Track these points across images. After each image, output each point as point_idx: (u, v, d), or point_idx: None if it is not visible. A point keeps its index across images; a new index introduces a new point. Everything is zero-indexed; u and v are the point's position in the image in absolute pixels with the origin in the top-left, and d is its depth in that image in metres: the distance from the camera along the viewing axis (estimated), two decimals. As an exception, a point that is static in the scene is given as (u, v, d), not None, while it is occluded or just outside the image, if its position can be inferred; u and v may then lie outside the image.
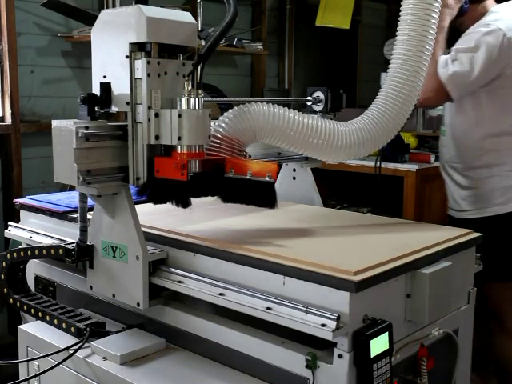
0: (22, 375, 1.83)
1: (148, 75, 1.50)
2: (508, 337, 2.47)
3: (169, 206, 1.56)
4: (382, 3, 6.74)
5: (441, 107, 3.18)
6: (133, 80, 1.52)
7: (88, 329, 1.68)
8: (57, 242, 1.87)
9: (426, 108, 2.42)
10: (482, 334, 2.41)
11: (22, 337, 1.85)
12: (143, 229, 1.64)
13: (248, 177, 1.55)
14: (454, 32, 2.45)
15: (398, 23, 1.69)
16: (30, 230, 2.06)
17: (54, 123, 1.56)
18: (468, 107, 2.38)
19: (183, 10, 1.87)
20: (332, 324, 1.28)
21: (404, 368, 1.51)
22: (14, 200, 2.18)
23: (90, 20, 3.34)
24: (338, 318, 1.28)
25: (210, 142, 1.59)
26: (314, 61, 5.92)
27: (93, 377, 1.61)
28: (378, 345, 1.34)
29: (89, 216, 1.69)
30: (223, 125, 1.62)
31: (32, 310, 1.84)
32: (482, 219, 2.39)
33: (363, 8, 6.33)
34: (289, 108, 1.69)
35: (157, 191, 1.55)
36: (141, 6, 1.48)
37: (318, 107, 2.30)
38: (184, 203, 1.54)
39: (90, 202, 1.65)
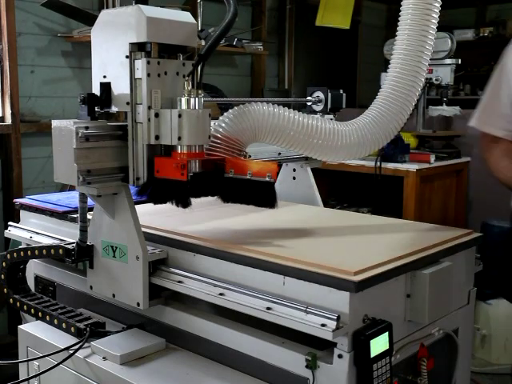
0: (22, 375, 1.83)
1: (148, 75, 1.50)
2: None
3: (169, 206, 1.56)
4: (382, 3, 6.75)
5: (441, 107, 3.15)
6: (133, 80, 1.52)
7: (88, 329, 1.68)
8: (57, 242, 1.87)
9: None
10: None
11: (21, 337, 1.85)
12: (143, 229, 1.64)
13: (248, 177, 1.55)
14: None
15: (398, 23, 1.69)
16: (30, 230, 2.05)
17: (54, 123, 1.56)
18: None
19: (183, 10, 1.87)
20: (332, 324, 1.28)
21: (404, 368, 1.51)
22: (14, 200, 2.18)
23: (90, 20, 3.34)
24: (338, 318, 1.28)
25: (210, 142, 1.58)
26: (314, 61, 5.93)
27: (93, 377, 1.61)
28: (378, 345, 1.34)
29: (89, 216, 1.69)
30: (223, 125, 1.62)
31: (32, 310, 1.84)
32: None
33: (363, 8, 6.34)
34: (289, 108, 1.69)
35: (157, 191, 1.54)
36: (141, 6, 1.48)
37: (318, 107, 2.30)
38: (184, 203, 1.54)
39: (90, 201, 1.65)
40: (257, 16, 5.11)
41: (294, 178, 2.35)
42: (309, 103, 2.32)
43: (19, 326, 1.87)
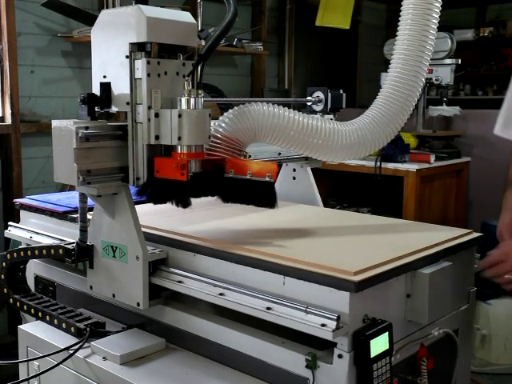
0: (22, 375, 1.83)
1: (148, 75, 1.50)
2: None
3: (169, 206, 1.56)
4: (382, 3, 6.75)
5: (441, 107, 3.12)
6: (133, 80, 1.52)
7: (88, 329, 1.68)
8: (57, 242, 1.87)
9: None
10: None
11: (21, 337, 1.85)
12: (143, 229, 1.64)
13: (248, 177, 1.55)
14: None
15: (399, 23, 1.69)
16: (30, 230, 2.05)
17: (54, 123, 1.56)
18: None
19: (183, 9, 1.87)
20: (332, 324, 1.28)
21: (404, 368, 1.51)
22: (14, 200, 2.18)
23: (90, 20, 3.34)
24: (338, 318, 1.28)
25: (210, 142, 1.58)
26: (314, 61, 5.93)
27: (93, 377, 1.61)
28: (378, 345, 1.34)
29: (89, 216, 1.69)
30: (223, 125, 1.62)
31: (32, 310, 1.84)
32: None
33: (363, 8, 6.34)
34: (289, 108, 1.69)
35: (157, 191, 1.54)
36: (141, 6, 1.48)
37: (318, 107, 2.30)
38: (184, 203, 1.54)
39: (90, 201, 1.65)
40: (257, 16, 5.11)
41: (294, 178, 2.35)
42: (309, 103, 2.32)
43: (19, 326, 1.87)
